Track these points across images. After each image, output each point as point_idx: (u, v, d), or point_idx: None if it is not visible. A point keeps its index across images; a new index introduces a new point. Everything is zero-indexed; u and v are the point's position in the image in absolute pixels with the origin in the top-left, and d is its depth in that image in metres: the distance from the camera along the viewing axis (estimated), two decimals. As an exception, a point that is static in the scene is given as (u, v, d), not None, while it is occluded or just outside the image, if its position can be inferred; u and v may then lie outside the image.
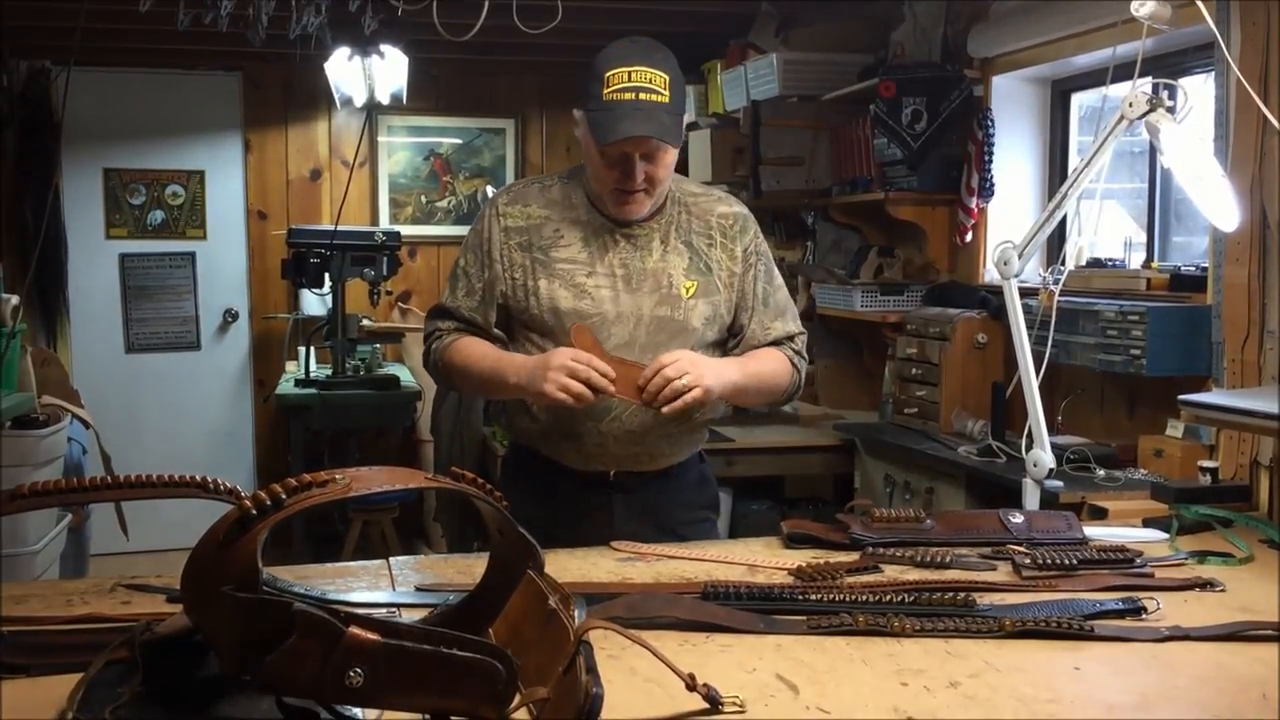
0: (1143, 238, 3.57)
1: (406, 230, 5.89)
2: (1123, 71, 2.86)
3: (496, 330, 2.28)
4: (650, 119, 2.06)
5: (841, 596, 1.73)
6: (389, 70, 5.33)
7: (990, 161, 3.92)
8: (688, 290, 2.20)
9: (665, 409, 2.03)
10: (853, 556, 2.00)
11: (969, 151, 3.99)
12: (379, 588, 1.84)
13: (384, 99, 5.43)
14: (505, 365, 2.16)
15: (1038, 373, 2.46)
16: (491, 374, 2.18)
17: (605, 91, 2.07)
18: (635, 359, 2.14)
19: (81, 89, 5.68)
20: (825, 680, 1.44)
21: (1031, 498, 2.51)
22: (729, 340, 2.31)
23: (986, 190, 3.95)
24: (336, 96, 5.55)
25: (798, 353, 2.33)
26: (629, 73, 2.07)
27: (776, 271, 2.34)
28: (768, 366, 2.26)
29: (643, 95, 2.06)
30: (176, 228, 6.26)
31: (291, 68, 5.83)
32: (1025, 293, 2.74)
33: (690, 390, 2.03)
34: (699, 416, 2.26)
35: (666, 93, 2.08)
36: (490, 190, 4.95)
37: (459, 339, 2.26)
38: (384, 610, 1.68)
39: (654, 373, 2.03)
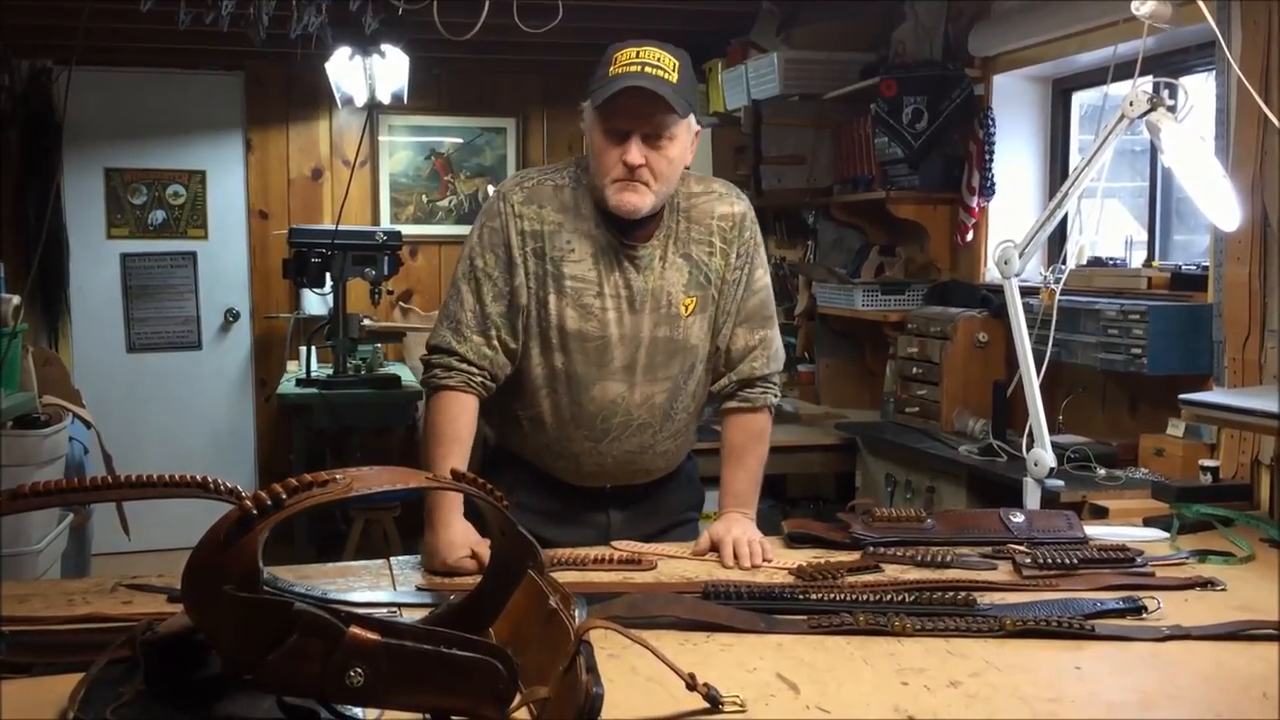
0: (1144, 236, 3.57)
1: (408, 230, 5.89)
2: (1123, 70, 2.86)
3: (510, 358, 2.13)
4: (653, 85, 1.96)
5: (842, 596, 1.73)
6: (390, 69, 5.33)
7: (991, 160, 3.92)
8: (686, 308, 2.13)
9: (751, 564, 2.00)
10: (854, 556, 2.01)
11: (970, 150, 3.99)
12: (380, 587, 1.84)
13: (385, 98, 5.43)
14: (432, 503, 1.98)
15: (1039, 372, 2.46)
16: (428, 485, 2.02)
17: (612, 70, 2.00)
18: (635, 380, 2.11)
19: (83, 88, 5.68)
20: (826, 680, 1.45)
21: (1032, 497, 2.51)
22: None
23: (987, 189, 3.95)
24: (338, 96, 5.55)
25: (764, 377, 2.22)
26: (637, 51, 2.00)
27: (760, 270, 2.22)
28: (759, 453, 2.22)
29: (648, 69, 1.97)
30: (178, 227, 6.26)
31: (293, 67, 5.83)
32: (1026, 292, 2.74)
33: (761, 550, 2.02)
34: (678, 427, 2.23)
35: (675, 75, 1.99)
36: (491, 189, 5.02)
37: (444, 398, 2.09)
38: (385, 610, 1.68)
39: (732, 558, 2.00)
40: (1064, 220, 2.60)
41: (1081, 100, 3.97)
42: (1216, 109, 2.75)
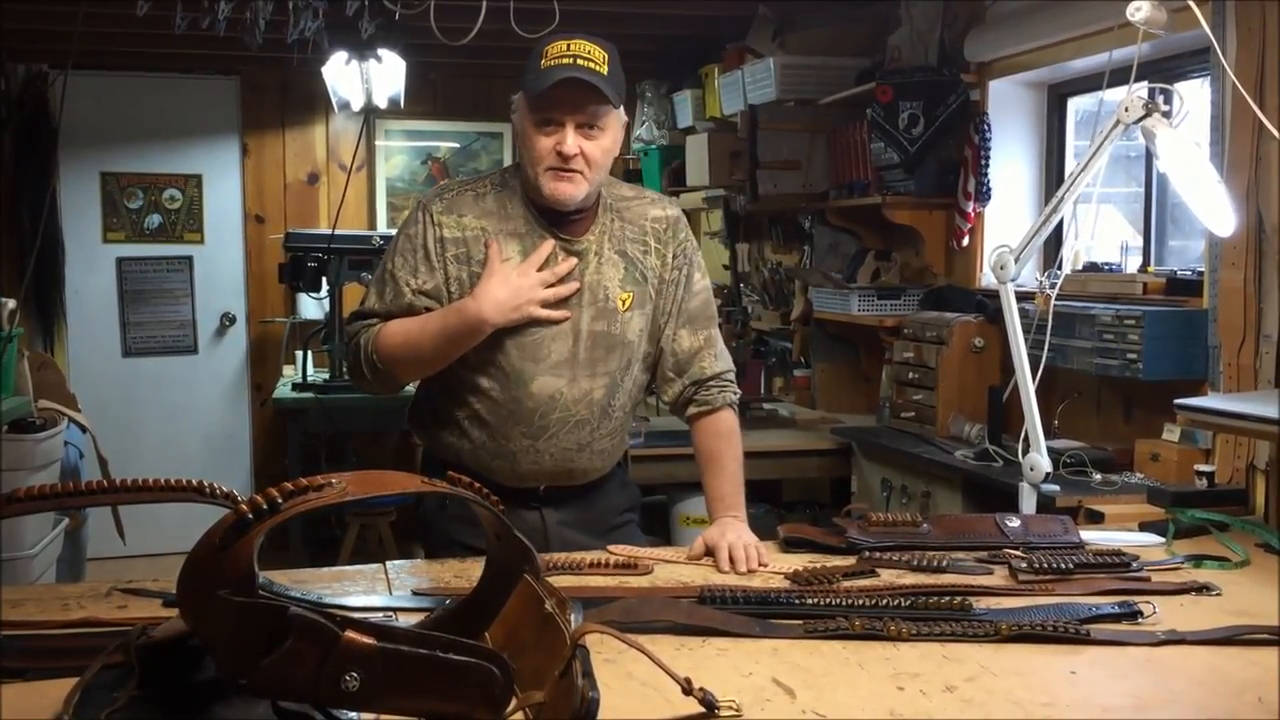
0: (1139, 242, 3.57)
1: (404, 234, 5.87)
2: (1119, 76, 2.86)
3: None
4: (587, 75, 2.02)
5: (838, 600, 1.73)
6: (386, 74, 5.33)
7: (987, 165, 3.92)
8: (624, 303, 2.15)
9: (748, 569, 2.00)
10: (849, 560, 2.01)
11: (965, 156, 3.99)
12: (375, 591, 1.84)
13: (381, 103, 5.42)
14: (458, 307, 2.07)
15: (1034, 377, 2.46)
16: (446, 328, 2.07)
17: (544, 63, 2.05)
18: (573, 376, 2.12)
19: (79, 93, 5.67)
20: (821, 684, 1.45)
21: (1028, 501, 2.51)
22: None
23: (983, 194, 3.95)
24: (334, 100, 5.55)
25: (716, 376, 2.23)
26: (568, 44, 2.05)
27: (698, 274, 2.26)
28: (734, 453, 2.22)
29: (580, 61, 2.03)
30: (174, 231, 6.25)
31: (289, 71, 5.83)
32: (1022, 297, 2.74)
33: (757, 554, 2.02)
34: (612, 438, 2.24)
35: (605, 68, 2.04)
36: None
37: (388, 323, 2.14)
38: (380, 614, 1.68)
39: (728, 563, 1.99)
40: (1059, 225, 2.61)
41: (1077, 106, 3.98)
42: (1211, 115, 2.75)
